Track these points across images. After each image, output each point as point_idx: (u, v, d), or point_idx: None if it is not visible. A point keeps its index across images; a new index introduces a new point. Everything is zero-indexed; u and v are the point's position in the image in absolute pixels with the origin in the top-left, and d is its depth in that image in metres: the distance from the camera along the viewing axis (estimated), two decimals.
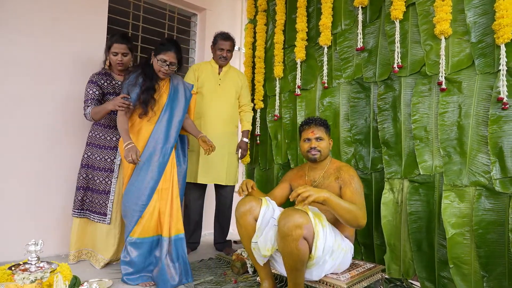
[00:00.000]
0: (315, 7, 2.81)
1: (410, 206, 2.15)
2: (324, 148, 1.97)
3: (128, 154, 2.04)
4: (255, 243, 1.83)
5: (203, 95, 2.78)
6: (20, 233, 2.42)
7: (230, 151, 2.81)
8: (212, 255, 2.73)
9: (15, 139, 2.46)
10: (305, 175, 2.05)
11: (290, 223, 1.54)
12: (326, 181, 1.93)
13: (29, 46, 2.51)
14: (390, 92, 2.31)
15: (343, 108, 2.57)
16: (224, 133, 2.78)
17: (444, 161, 2.03)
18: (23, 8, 2.49)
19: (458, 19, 2.01)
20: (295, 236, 1.53)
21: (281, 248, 1.61)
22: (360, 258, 2.42)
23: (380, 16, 2.40)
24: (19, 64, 2.47)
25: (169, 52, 2.20)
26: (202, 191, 2.84)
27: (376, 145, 2.39)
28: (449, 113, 2.03)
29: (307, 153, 1.99)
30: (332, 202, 1.62)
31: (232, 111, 2.84)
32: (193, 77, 2.80)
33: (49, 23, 2.59)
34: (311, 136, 1.97)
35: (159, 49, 2.22)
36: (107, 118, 2.44)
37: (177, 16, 3.55)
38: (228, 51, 2.81)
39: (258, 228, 1.82)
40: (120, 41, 2.40)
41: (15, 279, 1.44)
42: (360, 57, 2.49)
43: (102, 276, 2.15)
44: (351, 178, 1.86)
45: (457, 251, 1.93)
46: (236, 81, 2.87)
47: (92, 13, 2.80)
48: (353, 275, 1.83)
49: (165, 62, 2.20)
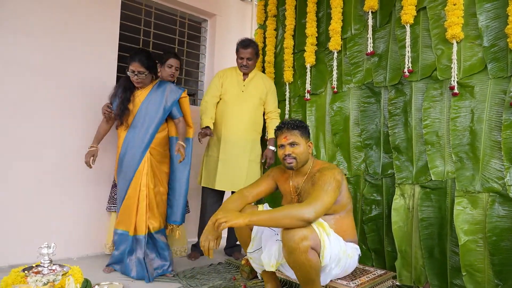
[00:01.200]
0: (325, 12, 2.82)
1: (422, 212, 2.12)
2: (300, 153, 1.78)
3: (86, 155, 2.33)
4: (251, 253, 1.81)
5: (225, 102, 2.78)
6: (34, 236, 2.46)
7: (251, 159, 2.76)
8: (221, 259, 2.73)
9: (28, 140, 2.51)
10: (290, 178, 1.92)
11: (295, 236, 1.50)
12: (306, 186, 1.80)
13: (45, 50, 2.57)
14: (401, 96, 2.29)
15: (353, 113, 2.56)
16: (245, 140, 2.75)
17: (456, 167, 2.00)
18: (37, 15, 2.54)
19: (470, 23, 1.99)
20: (303, 249, 1.50)
21: (291, 262, 1.56)
22: (371, 264, 2.39)
23: (390, 20, 2.39)
24: (36, 67, 2.53)
25: (133, 62, 2.33)
26: (219, 197, 2.84)
27: (387, 150, 2.37)
28: (461, 118, 2.00)
29: (283, 160, 1.82)
30: (259, 222, 1.55)
31: (254, 118, 2.80)
32: (217, 83, 2.82)
33: (62, 28, 2.64)
34: (284, 142, 1.79)
35: (128, 61, 2.36)
36: None
37: (188, 22, 3.59)
38: (248, 59, 2.77)
39: (253, 238, 1.80)
40: (175, 56, 2.70)
41: (28, 281, 1.47)
42: (370, 62, 2.48)
43: (111, 279, 2.17)
44: (321, 176, 1.70)
45: (470, 259, 1.90)
46: (260, 88, 2.83)
47: (105, 20, 2.85)
48: (363, 282, 1.81)
49: (133, 72, 2.34)
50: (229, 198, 1.88)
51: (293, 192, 1.88)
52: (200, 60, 3.74)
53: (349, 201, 1.82)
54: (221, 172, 2.70)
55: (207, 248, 1.63)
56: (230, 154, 2.72)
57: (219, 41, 3.64)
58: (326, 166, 1.78)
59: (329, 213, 1.73)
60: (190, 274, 2.35)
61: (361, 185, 2.48)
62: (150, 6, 3.30)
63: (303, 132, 1.83)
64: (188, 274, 2.34)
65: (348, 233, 1.81)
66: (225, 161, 2.71)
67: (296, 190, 1.87)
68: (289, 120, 1.90)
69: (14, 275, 1.63)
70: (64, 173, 2.64)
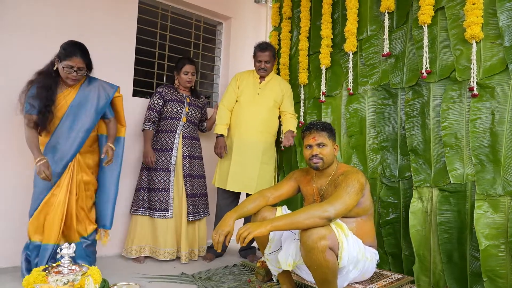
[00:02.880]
0: (340, 13, 2.80)
1: (440, 216, 2.08)
2: (327, 154, 1.82)
3: (41, 170, 2.01)
4: (268, 254, 1.82)
5: (240, 104, 2.81)
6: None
7: (264, 161, 2.77)
8: (236, 261, 2.74)
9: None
10: (312, 180, 1.94)
11: (313, 235, 1.51)
12: (329, 189, 1.82)
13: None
14: (418, 98, 2.25)
15: (369, 115, 2.53)
16: (258, 142, 2.76)
17: (476, 170, 1.95)
18: (54, 19, 2.61)
19: (490, 23, 1.95)
20: (321, 248, 1.50)
21: (308, 262, 1.57)
22: (388, 269, 2.35)
23: (407, 21, 2.35)
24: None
25: (74, 57, 2.08)
26: (233, 198, 2.86)
27: (404, 153, 2.33)
28: (481, 119, 1.95)
29: (309, 160, 1.85)
30: (281, 227, 1.56)
31: (268, 120, 2.81)
32: (234, 85, 2.86)
33: (81, 32, 2.69)
34: (312, 142, 1.83)
35: (63, 55, 2.09)
36: (162, 123, 2.75)
37: (203, 25, 3.62)
38: (266, 62, 2.78)
39: (271, 239, 1.81)
40: (189, 62, 2.77)
41: (49, 280, 1.50)
42: (386, 63, 2.45)
43: (128, 279, 2.20)
44: (344, 179, 1.71)
45: (492, 264, 1.85)
46: (276, 91, 2.84)
47: (122, 24, 2.91)
48: (381, 286, 1.79)
49: (72, 68, 2.09)
50: (249, 198, 1.88)
51: (316, 194, 1.88)
52: (216, 63, 3.76)
53: (371, 205, 1.82)
54: (233, 173, 2.72)
55: (217, 241, 1.65)
56: (243, 155, 2.74)
57: (234, 44, 3.66)
58: (350, 170, 1.80)
59: (351, 215, 1.74)
60: (206, 275, 2.36)
61: (378, 188, 2.45)
62: (166, 9, 3.35)
63: (330, 134, 1.87)
64: (203, 276, 2.35)
65: (368, 237, 1.81)
66: (238, 162, 2.73)
67: (319, 192, 1.88)
68: (317, 121, 1.91)
69: (35, 275, 1.67)
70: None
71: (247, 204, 1.82)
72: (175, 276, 2.33)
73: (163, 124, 2.77)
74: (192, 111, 2.83)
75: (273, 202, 1.90)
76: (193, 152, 2.84)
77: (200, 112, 2.92)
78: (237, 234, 1.57)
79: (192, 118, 2.84)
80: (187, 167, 2.76)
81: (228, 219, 1.71)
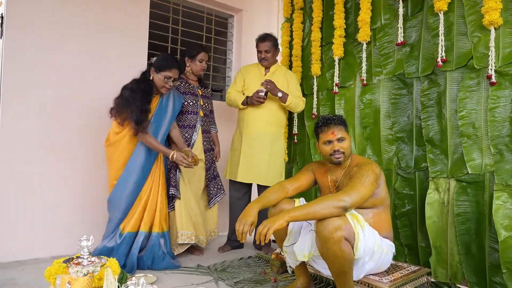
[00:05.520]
0: (353, 2, 2.75)
1: (458, 207, 2.05)
2: (347, 148, 1.81)
3: (178, 160, 2.27)
4: (286, 247, 1.82)
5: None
6: (71, 228, 2.59)
7: (272, 152, 2.79)
8: (251, 253, 2.76)
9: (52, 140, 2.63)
10: (328, 172, 1.93)
11: (329, 226, 1.51)
12: (344, 180, 1.81)
13: (78, 51, 2.67)
14: (434, 87, 2.21)
15: (384, 106, 2.49)
16: (266, 133, 2.78)
17: (495, 160, 1.91)
18: (71, 17, 2.65)
19: (509, 8, 1.89)
20: (337, 239, 1.50)
21: (324, 253, 1.56)
22: (404, 260, 2.33)
23: (422, 8, 2.30)
24: (71, 68, 2.64)
25: (173, 68, 2.32)
26: (245, 190, 2.89)
27: (420, 143, 2.30)
28: (500, 108, 1.90)
29: (330, 156, 1.81)
30: (298, 217, 1.55)
31: (276, 111, 2.81)
32: (240, 79, 2.88)
33: (96, 29, 2.73)
34: (332, 138, 1.79)
35: (162, 66, 2.31)
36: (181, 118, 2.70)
37: (215, 18, 3.61)
38: (266, 51, 2.80)
39: (290, 232, 1.81)
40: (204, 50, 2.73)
41: (69, 271, 1.54)
42: (401, 52, 2.40)
43: (145, 271, 2.25)
44: (359, 170, 1.70)
45: (511, 255, 1.81)
46: (282, 81, 2.83)
47: (135, 19, 2.93)
48: (397, 278, 1.78)
49: (170, 78, 2.32)
50: (270, 189, 1.89)
51: (331, 186, 1.88)
52: (227, 56, 3.76)
53: (387, 196, 1.80)
54: (243, 165, 2.75)
55: (241, 232, 1.64)
56: (251, 147, 2.77)
57: (245, 36, 3.64)
58: (365, 161, 1.79)
59: (367, 206, 1.73)
60: (221, 267, 2.39)
61: (393, 179, 2.42)
62: (178, 4, 3.35)
63: (346, 127, 1.87)
64: (219, 268, 2.38)
65: (385, 229, 1.79)
66: (247, 154, 2.76)
67: (334, 184, 1.88)
68: (331, 115, 1.87)
69: (56, 266, 1.72)
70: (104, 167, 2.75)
71: (269, 196, 1.83)
72: (191, 268, 2.37)
73: (183, 119, 2.72)
74: (205, 104, 2.83)
75: (292, 194, 1.91)
76: (210, 144, 2.87)
77: (210, 103, 2.93)
78: (257, 234, 1.56)
79: (206, 111, 2.84)
80: (208, 160, 2.80)
81: (251, 209, 1.71)
